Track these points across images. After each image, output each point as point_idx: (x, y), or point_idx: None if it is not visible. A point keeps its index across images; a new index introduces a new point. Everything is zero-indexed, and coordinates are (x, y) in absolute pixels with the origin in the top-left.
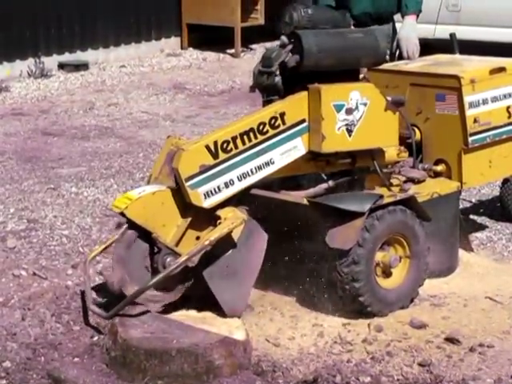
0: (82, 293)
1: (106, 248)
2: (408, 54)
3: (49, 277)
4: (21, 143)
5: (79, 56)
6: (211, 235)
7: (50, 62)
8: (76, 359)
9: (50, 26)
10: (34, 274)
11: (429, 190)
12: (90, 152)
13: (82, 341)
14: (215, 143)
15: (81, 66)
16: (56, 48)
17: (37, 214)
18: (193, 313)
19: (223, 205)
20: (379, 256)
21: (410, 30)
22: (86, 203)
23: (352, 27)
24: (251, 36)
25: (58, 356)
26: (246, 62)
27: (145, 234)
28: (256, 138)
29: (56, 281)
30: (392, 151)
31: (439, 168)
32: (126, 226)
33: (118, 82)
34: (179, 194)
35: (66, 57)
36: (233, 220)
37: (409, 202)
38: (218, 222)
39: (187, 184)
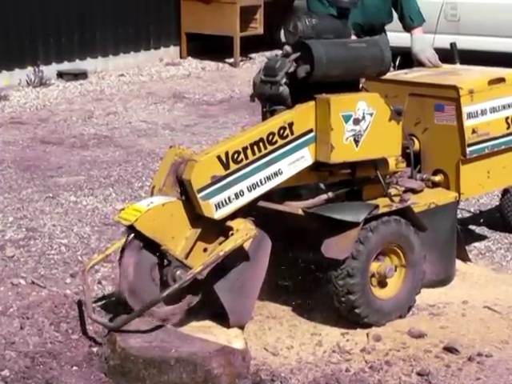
0: (81, 302)
1: (105, 257)
2: (432, 63)
3: (47, 285)
4: (19, 152)
5: (78, 65)
6: (225, 246)
7: (49, 70)
8: (75, 368)
9: (48, 34)
10: (33, 282)
11: (426, 200)
12: (89, 161)
13: (80, 350)
14: (226, 154)
15: (80, 75)
16: (55, 57)
17: (35, 223)
18: (191, 322)
19: (232, 216)
20: (374, 267)
21: (422, 42)
22: (85, 212)
23: (353, 37)
24: (250, 45)
25: (56, 365)
26: (245, 72)
27: (151, 246)
28: (265, 148)
29: (55, 289)
30: (391, 161)
31: (437, 178)
32: (129, 237)
33: (116, 90)
34: (188, 205)
35: (65, 65)
36: (246, 231)
37: (404, 212)
38: (231, 233)
39: (199, 195)
